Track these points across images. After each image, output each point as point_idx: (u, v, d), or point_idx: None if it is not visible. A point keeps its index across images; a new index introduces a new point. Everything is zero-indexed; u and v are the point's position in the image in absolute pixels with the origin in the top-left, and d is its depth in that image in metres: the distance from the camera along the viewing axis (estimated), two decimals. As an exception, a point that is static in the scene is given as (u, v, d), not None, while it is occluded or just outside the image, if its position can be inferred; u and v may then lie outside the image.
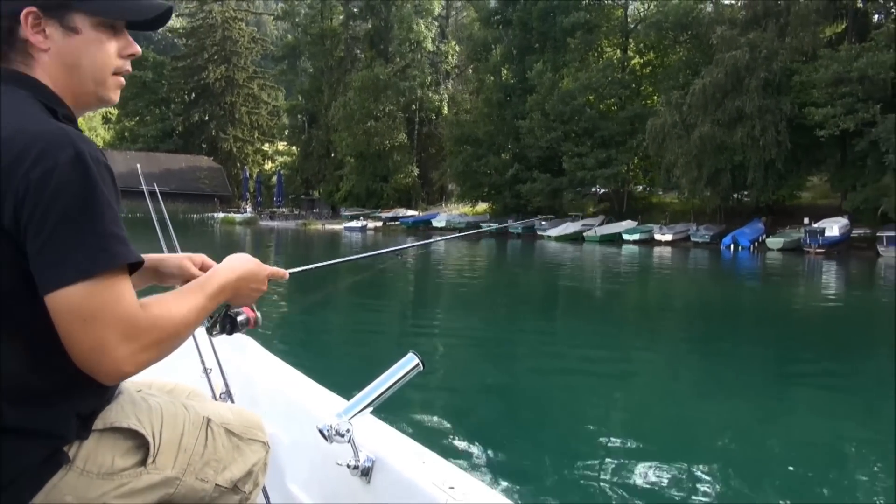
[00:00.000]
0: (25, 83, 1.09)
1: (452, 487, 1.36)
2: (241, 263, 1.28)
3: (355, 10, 55.57)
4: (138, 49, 1.19)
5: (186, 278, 1.38)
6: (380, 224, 44.84)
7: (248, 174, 58.21)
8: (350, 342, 8.89)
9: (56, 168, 0.97)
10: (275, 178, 57.69)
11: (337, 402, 1.77)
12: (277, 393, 2.04)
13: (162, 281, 1.42)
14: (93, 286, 0.96)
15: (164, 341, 1.05)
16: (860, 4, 32.77)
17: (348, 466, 1.51)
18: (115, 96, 1.19)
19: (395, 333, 9.83)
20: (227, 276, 1.23)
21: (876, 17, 35.17)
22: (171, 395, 1.38)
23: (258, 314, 1.41)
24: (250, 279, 1.29)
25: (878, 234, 28.55)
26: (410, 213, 47.35)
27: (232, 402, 1.96)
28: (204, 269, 1.42)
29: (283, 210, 53.74)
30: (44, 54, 1.11)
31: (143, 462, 1.19)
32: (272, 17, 71.36)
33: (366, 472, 1.52)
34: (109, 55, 1.15)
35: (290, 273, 1.46)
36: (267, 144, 67.48)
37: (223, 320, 1.37)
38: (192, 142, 64.59)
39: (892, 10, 30.55)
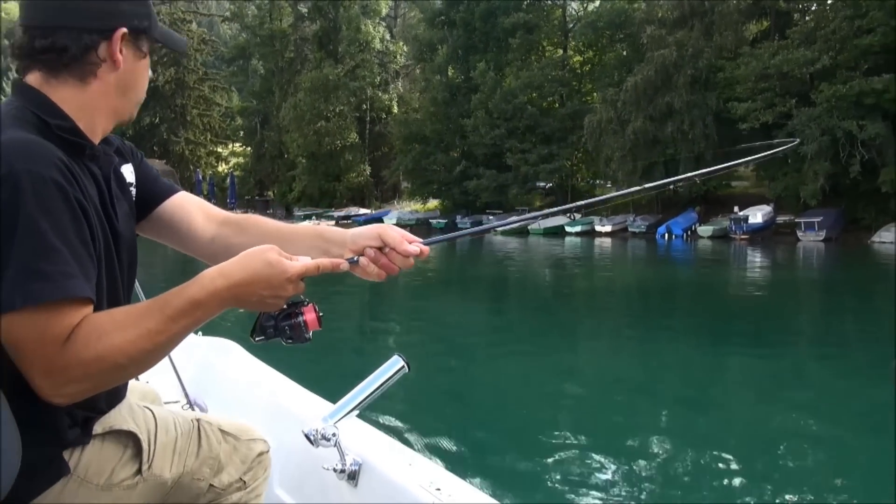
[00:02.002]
0: (25, 94, 1.07)
1: (439, 489, 1.35)
2: (242, 265, 1.06)
3: (304, 10, 56.01)
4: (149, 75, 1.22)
5: (355, 251, 1.23)
6: (332, 223, 45.57)
7: (200, 176, 58.16)
8: (331, 344, 9.12)
9: None
10: (228, 181, 57.80)
11: (322, 405, 1.75)
12: (262, 397, 2.00)
13: (330, 251, 1.25)
14: (13, 319, 0.92)
15: (92, 376, 0.97)
16: (782, 4, 34.63)
17: (335, 470, 1.50)
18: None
19: (363, 334, 9.99)
20: (208, 288, 1.03)
21: (797, 15, 37.23)
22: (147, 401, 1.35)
23: (317, 313, 1.17)
24: (256, 285, 1.06)
25: (796, 220, 30.47)
26: (363, 211, 48.19)
27: (202, 408, 1.92)
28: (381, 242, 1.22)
29: (237, 212, 53.89)
30: (113, 73, 1.10)
31: (140, 469, 1.19)
32: (221, 19, 71.07)
33: (352, 476, 1.50)
34: (148, 79, 1.20)
35: (349, 262, 1.21)
36: (220, 146, 67.36)
37: (265, 322, 1.17)
38: (143, 145, 63.95)
39: (810, 9, 32.42)
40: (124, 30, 1.09)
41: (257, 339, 1.20)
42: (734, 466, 4.39)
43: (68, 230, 0.97)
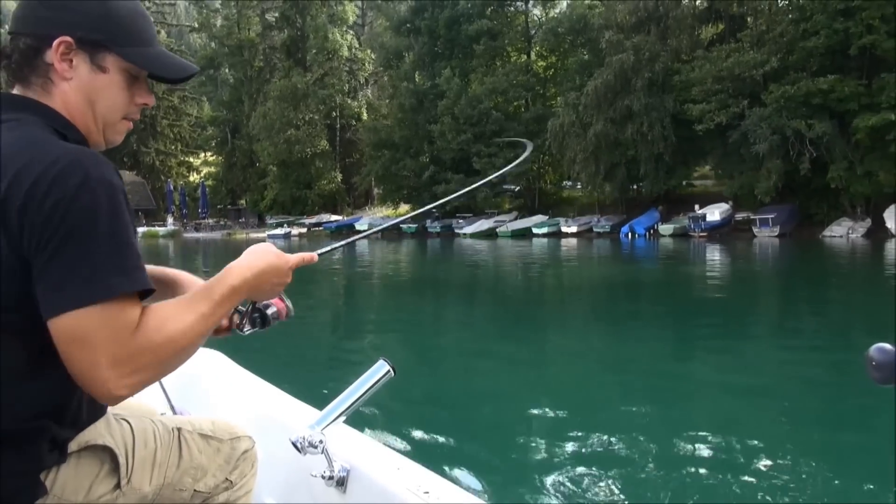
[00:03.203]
0: (38, 110, 1.10)
1: (427, 492, 1.37)
2: (258, 258, 1.21)
3: (271, 20, 56.31)
4: (153, 100, 1.21)
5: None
6: (304, 230, 45.89)
7: (171, 187, 58.07)
8: (316, 349, 8.95)
9: (65, 198, 0.97)
10: (199, 191, 57.81)
11: (309, 412, 1.75)
12: (248, 406, 2.00)
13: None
14: (86, 314, 0.97)
15: (161, 362, 1.04)
16: (735, 8, 35.74)
17: (323, 477, 1.50)
18: (120, 139, 1.21)
19: (339, 338, 10.04)
20: (240, 276, 1.17)
21: (750, 19, 38.45)
22: (136, 413, 1.35)
23: (289, 304, 1.37)
24: (271, 273, 1.22)
25: (751, 217, 31.51)
26: (335, 218, 48.54)
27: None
28: None
29: (209, 221, 53.98)
30: (64, 83, 1.11)
31: (119, 484, 1.20)
32: (189, 30, 70.98)
33: (341, 483, 1.51)
34: (125, 100, 1.17)
35: (318, 255, 1.39)
36: (191, 156, 67.27)
37: (252, 315, 1.33)
38: (114, 156, 63.14)
39: (761, 13, 33.52)
40: (66, 39, 1.09)
41: (245, 330, 1.34)
42: (703, 455, 4.56)
43: (132, 229, 1.05)
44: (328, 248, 1.49)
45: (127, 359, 1.00)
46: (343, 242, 1.60)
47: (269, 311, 1.35)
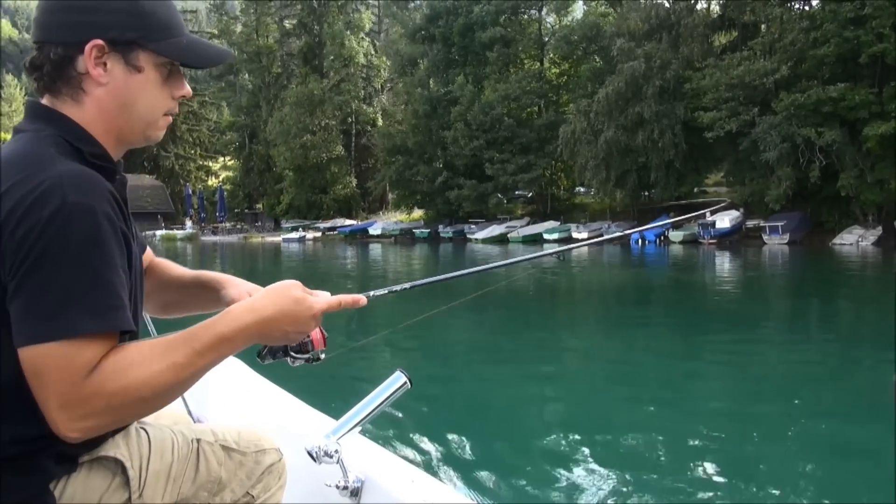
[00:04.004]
0: (53, 120, 1.05)
1: None
2: (271, 301, 1.09)
3: (289, 27, 57.25)
4: (189, 91, 1.16)
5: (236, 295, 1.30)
6: (319, 234, 46.57)
7: (190, 191, 59.13)
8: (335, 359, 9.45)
9: (37, 225, 0.92)
10: (218, 195, 58.84)
11: (325, 421, 1.75)
12: (264, 413, 1.99)
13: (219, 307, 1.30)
14: (42, 350, 0.92)
15: (115, 409, 0.95)
16: (748, 16, 35.80)
17: (337, 487, 1.49)
18: (161, 135, 1.15)
19: (353, 349, 10.10)
20: (236, 324, 1.04)
21: (763, 26, 38.49)
22: (159, 421, 1.28)
23: (323, 333, 1.25)
24: (282, 322, 1.09)
25: (761, 224, 31.58)
26: (349, 222, 49.23)
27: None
28: None
29: (226, 225, 54.95)
30: (99, 88, 1.06)
31: (130, 498, 1.15)
32: (209, 37, 72.18)
33: (355, 493, 1.50)
34: (164, 97, 1.11)
35: (367, 297, 1.26)
36: (210, 161, 68.44)
37: (273, 349, 1.24)
38: (134, 160, 64.98)
39: (772, 21, 33.56)
40: (98, 42, 1.03)
41: (266, 361, 1.25)
42: (711, 460, 4.63)
43: (116, 262, 0.97)
44: (383, 291, 1.34)
45: (77, 402, 0.93)
46: (395, 288, 1.40)
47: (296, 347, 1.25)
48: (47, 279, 0.93)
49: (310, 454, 1.45)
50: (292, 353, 1.24)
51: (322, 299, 1.15)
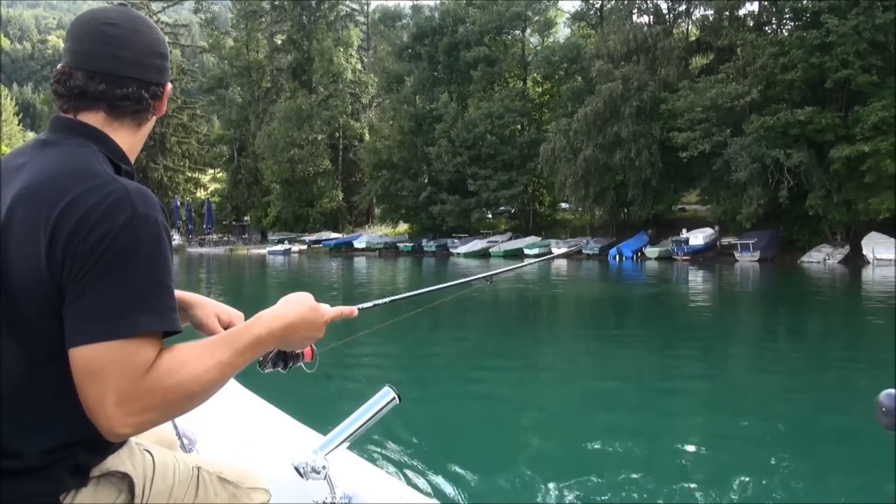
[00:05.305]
0: (98, 139, 1.14)
1: None
2: (291, 308, 1.21)
3: (279, 42, 58.16)
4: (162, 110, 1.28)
5: (208, 334, 1.36)
6: (304, 247, 47.15)
7: (178, 202, 59.61)
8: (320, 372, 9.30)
9: (110, 232, 1.00)
10: (205, 207, 59.37)
11: (312, 437, 1.73)
12: (252, 429, 1.98)
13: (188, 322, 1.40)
14: (104, 348, 0.98)
15: (169, 404, 1.03)
16: (723, 41, 36.89)
17: None
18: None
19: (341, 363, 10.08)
20: (267, 327, 1.16)
21: (739, 50, 39.65)
22: (157, 442, 1.34)
23: (315, 349, 1.38)
24: (302, 327, 1.21)
25: (733, 241, 32.49)
26: (334, 235, 49.82)
27: (191, 440, 1.90)
28: (228, 328, 1.37)
29: (213, 237, 55.43)
30: (153, 120, 1.24)
31: None
32: (200, 51, 73.04)
33: None
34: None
35: (359, 309, 1.38)
36: (199, 173, 68.97)
37: (274, 358, 1.35)
38: (123, 172, 65.39)
39: (744, 45, 34.65)
40: (169, 85, 1.24)
41: (266, 370, 1.35)
42: (688, 467, 4.79)
43: (171, 268, 1.07)
44: (369, 304, 1.48)
45: (136, 397, 1.00)
46: (385, 300, 1.56)
47: (292, 357, 1.38)
48: (119, 282, 1.00)
49: (297, 470, 1.45)
50: (290, 363, 1.39)
51: (328, 309, 1.29)
